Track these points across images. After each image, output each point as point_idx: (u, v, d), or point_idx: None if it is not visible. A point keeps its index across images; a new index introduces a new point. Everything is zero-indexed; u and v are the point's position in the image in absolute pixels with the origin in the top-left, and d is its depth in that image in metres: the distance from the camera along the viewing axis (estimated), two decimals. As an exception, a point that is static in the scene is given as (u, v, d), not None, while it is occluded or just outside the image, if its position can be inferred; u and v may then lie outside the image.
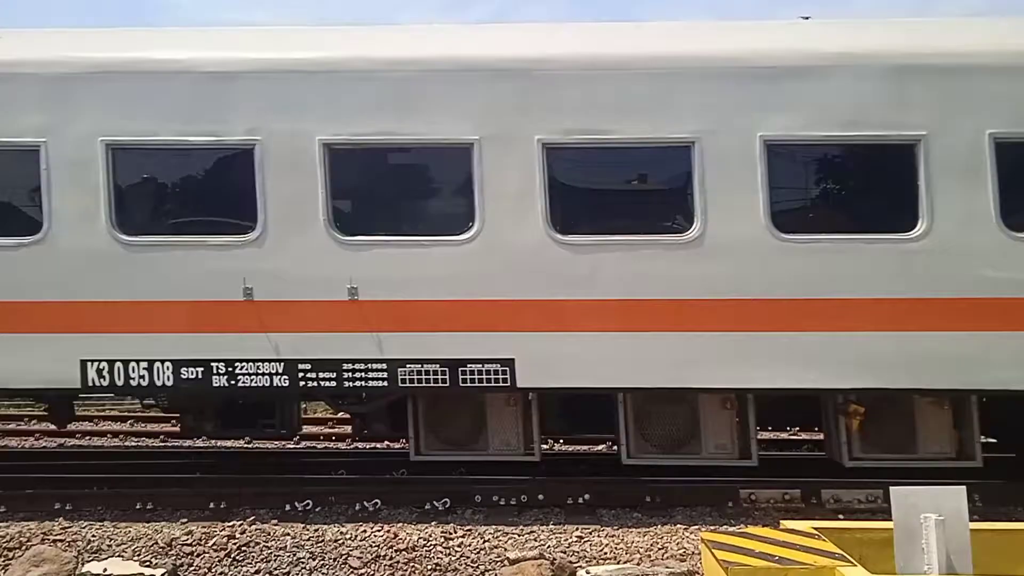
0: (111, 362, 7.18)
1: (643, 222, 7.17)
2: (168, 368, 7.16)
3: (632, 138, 7.04)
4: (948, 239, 6.88)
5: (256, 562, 6.42)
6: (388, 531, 6.74)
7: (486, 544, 6.59)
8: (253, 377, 7.14)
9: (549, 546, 6.55)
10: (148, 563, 6.32)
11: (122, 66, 7.27)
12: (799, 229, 7.01)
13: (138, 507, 7.43)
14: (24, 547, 6.51)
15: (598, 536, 6.73)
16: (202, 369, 7.16)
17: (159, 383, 7.19)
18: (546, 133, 7.05)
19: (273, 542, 6.59)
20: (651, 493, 7.47)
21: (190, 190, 7.53)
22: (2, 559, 6.43)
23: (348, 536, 6.68)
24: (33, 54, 7.41)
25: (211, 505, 7.44)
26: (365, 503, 7.43)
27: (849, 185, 7.38)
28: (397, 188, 7.35)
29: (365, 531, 6.77)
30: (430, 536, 6.68)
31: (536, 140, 7.04)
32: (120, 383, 7.22)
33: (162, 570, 6.25)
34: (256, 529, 6.78)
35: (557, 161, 7.12)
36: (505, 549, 6.47)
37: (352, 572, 6.30)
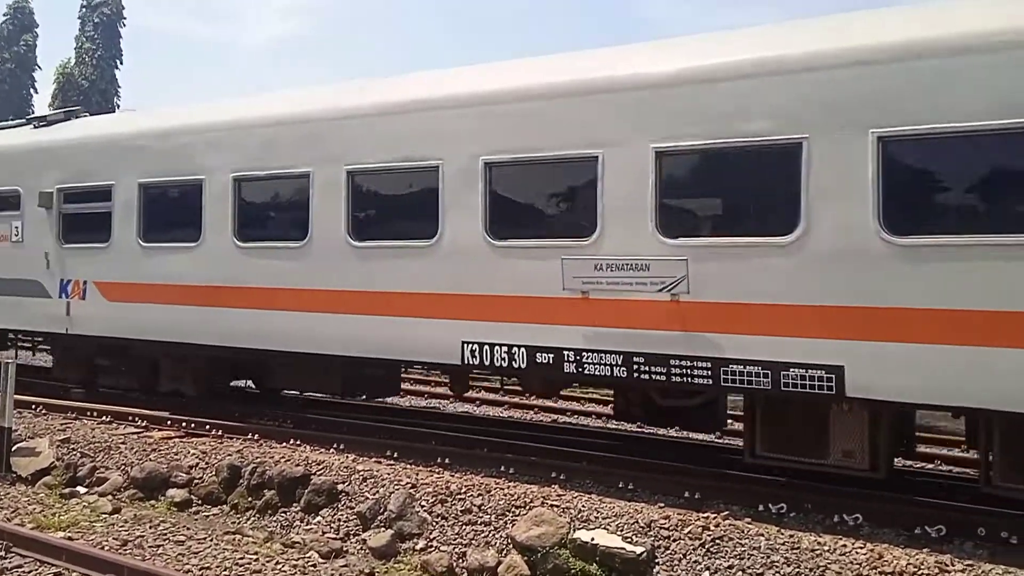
0: None
1: None
2: None
3: None
4: None
5: (730, 557, 6.42)
6: (872, 551, 6.22)
7: (990, 586, 5.73)
8: None
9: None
10: (629, 539, 6.73)
11: None
12: None
13: (620, 485, 7.97)
14: (527, 507, 7.40)
15: None
16: None
17: None
18: None
19: (747, 540, 6.52)
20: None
21: None
22: (511, 513, 7.40)
23: (826, 548, 6.32)
24: None
25: (685, 494, 7.66)
26: (845, 516, 6.98)
27: None
28: None
29: (845, 546, 6.34)
30: (921, 564, 6.02)
31: None
32: None
33: (642, 548, 6.61)
34: (730, 524, 6.79)
35: None
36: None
37: (831, 587, 5.95)
